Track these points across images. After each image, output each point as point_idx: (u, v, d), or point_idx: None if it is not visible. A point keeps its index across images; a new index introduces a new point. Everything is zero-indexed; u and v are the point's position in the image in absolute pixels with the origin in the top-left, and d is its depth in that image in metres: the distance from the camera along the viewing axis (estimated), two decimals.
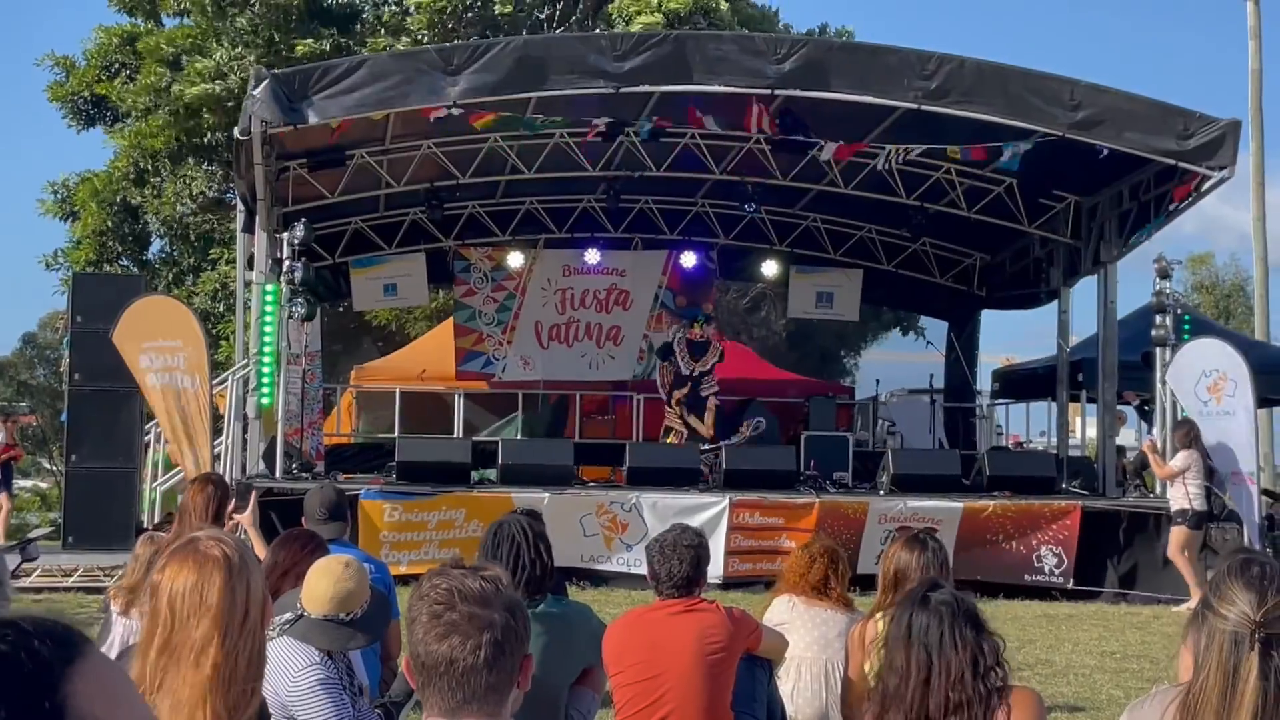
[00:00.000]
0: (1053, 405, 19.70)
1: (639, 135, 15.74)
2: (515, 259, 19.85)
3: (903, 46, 14.34)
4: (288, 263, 14.41)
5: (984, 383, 23.02)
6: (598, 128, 15.43)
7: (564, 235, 20.38)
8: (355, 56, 18.98)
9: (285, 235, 14.60)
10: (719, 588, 13.18)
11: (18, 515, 18.26)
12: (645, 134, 15.57)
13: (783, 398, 20.55)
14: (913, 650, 3.66)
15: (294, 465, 14.92)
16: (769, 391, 20.73)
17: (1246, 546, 12.44)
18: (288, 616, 4.41)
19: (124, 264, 25.83)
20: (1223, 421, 14.48)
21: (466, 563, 2.68)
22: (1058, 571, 14.53)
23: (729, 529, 14.19)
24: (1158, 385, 15.67)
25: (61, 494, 16.32)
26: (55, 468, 34.92)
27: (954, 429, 21.19)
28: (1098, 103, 14.19)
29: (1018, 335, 72.98)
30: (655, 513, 14.16)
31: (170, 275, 26.07)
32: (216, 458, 14.17)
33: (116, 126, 26.19)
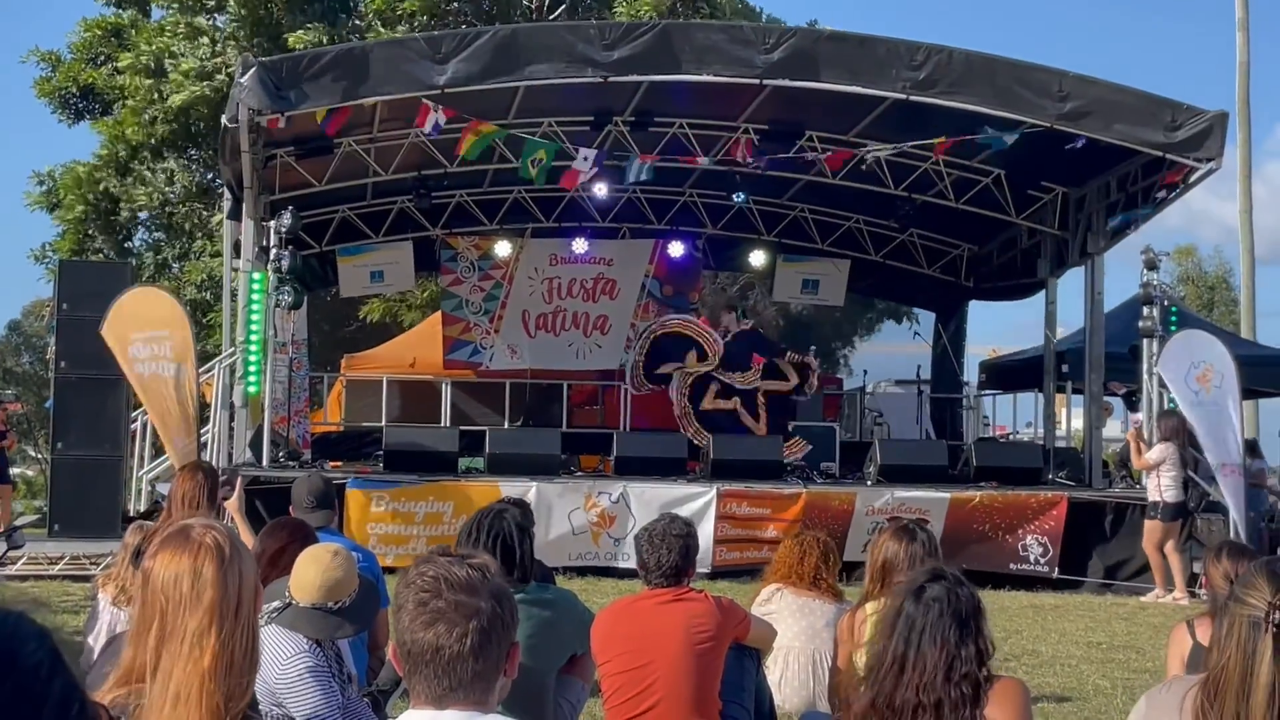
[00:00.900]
0: (1039, 396, 19.68)
1: (635, 178, 15.88)
2: (502, 248, 19.87)
3: (891, 37, 14.31)
4: (275, 251, 14.35)
5: (971, 374, 23.06)
6: (588, 166, 15.42)
7: (551, 224, 20.39)
8: (343, 45, 18.92)
9: (272, 223, 14.55)
10: (706, 577, 13.16)
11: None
12: (635, 176, 15.75)
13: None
14: (894, 638, 3.63)
15: (281, 454, 14.89)
16: None
17: (1232, 539, 12.47)
18: (276, 604, 4.40)
19: (105, 253, 25.72)
20: (1212, 412, 14.50)
21: (453, 551, 2.68)
22: (1043, 561, 14.55)
23: (717, 518, 14.18)
24: (1144, 376, 15.65)
25: (47, 482, 16.25)
26: (41, 455, 34.87)
27: (941, 420, 21.18)
28: (1086, 94, 14.19)
29: (1005, 327, 73.11)
30: (643, 503, 14.18)
31: (154, 265, 25.97)
32: (203, 446, 14.13)
33: (104, 119, 26.09)
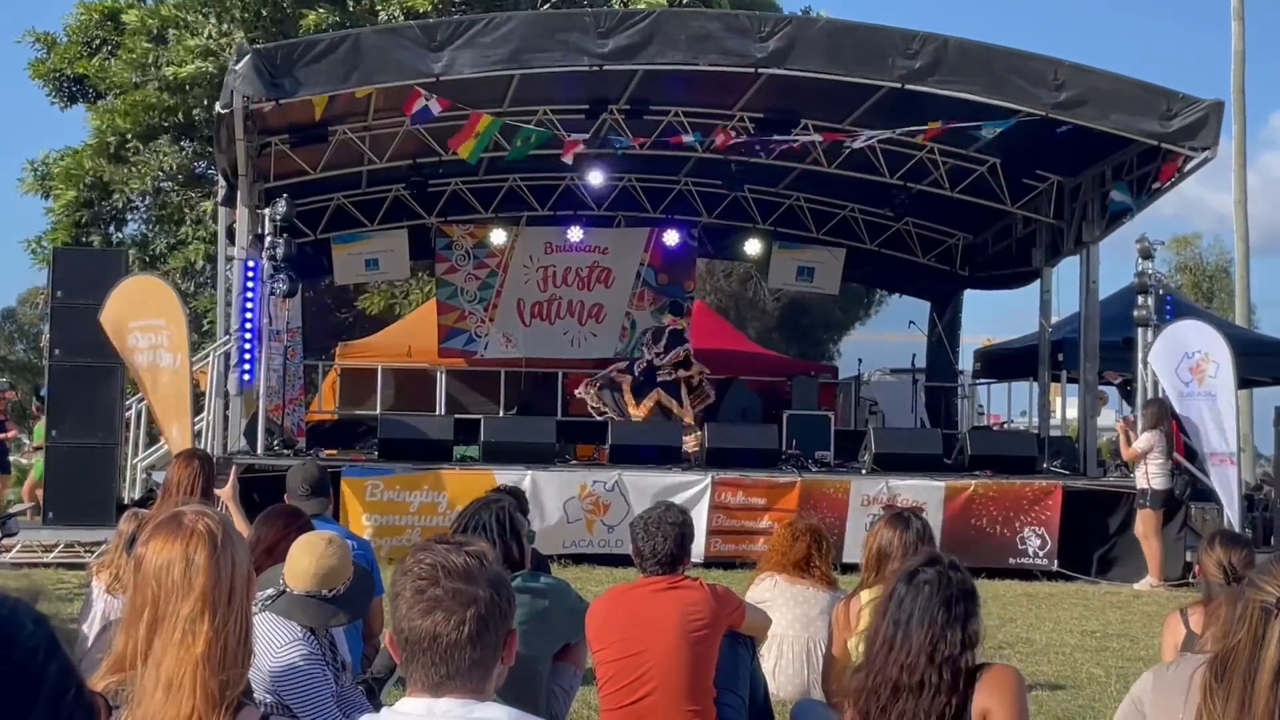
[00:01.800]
0: (1034, 385, 19.67)
1: (616, 150, 16.07)
2: (498, 236, 19.86)
3: (887, 25, 14.29)
4: (269, 238, 14.33)
5: (966, 362, 23.10)
6: (576, 148, 15.61)
7: (546, 213, 20.36)
8: (339, 32, 18.86)
9: (267, 211, 14.52)
10: (701, 567, 13.06)
11: None
12: (620, 149, 16.00)
13: (766, 376, 20.56)
14: (885, 619, 3.70)
15: (275, 441, 14.88)
16: (752, 369, 20.69)
17: (1225, 528, 12.49)
18: (270, 592, 4.40)
19: (94, 240, 25.64)
20: (1204, 403, 14.47)
21: (451, 539, 2.68)
22: (1042, 553, 14.53)
23: (711, 508, 14.20)
24: (1139, 366, 15.62)
25: (41, 469, 16.24)
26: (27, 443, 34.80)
27: (935, 409, 21.23)
28: (1081, 83, 14.16)
29: (1000, 315, 73.11)
30: (637, 491, 14.18)
31: (147, 253, 25.90)
32: (198, 434, 14.11)
33: (99, 104, 25.99)
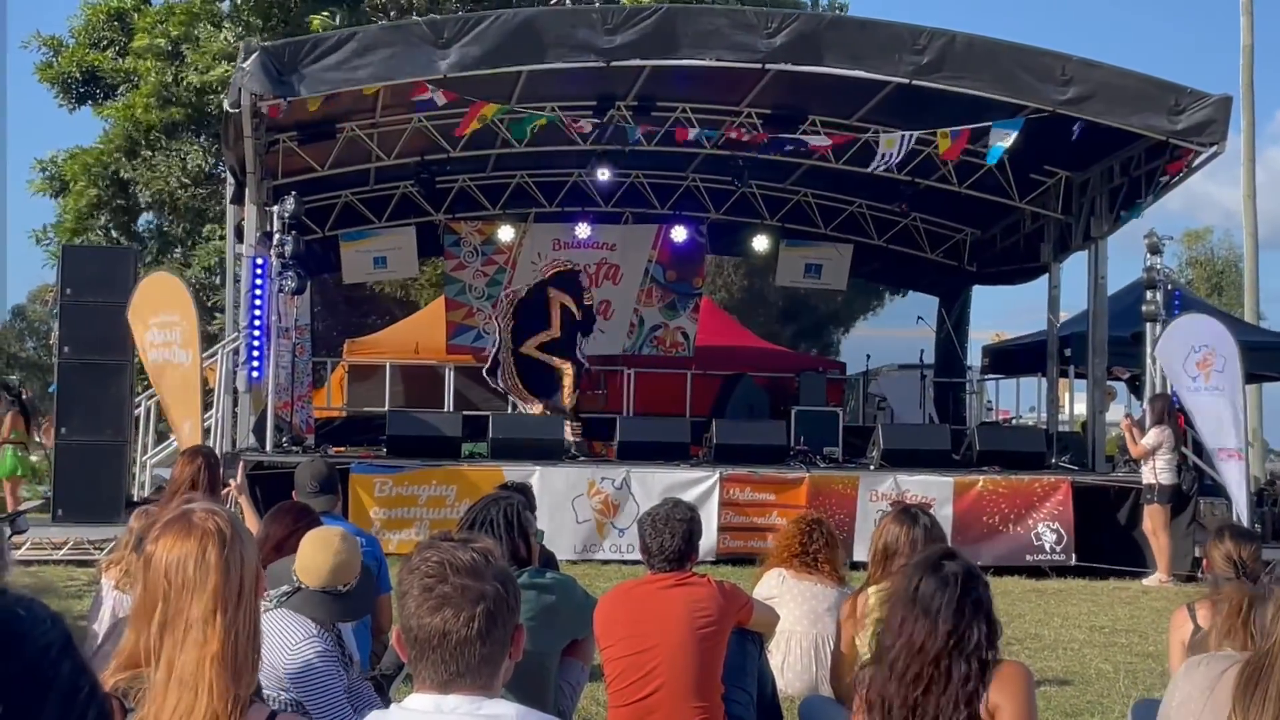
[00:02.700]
0: (1042, 381, 19.66)
1: (629, 139, 16.07)
2: (505, 233, 19.86)
3: (894, 21, 14.26)
4: (278, 236, 14.32)
5: (974, 358, 23.08)
6: (583, 128, 15.69)
7: (554, 209, 20.34)
8: (345, 30, 18.89)
9: (275, 208, 14.51)
10: (710, 564, 13.03)
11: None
12: (633, 139, 15.97)
13: (773, 372, 20.54)
14: (910, 610, 3.72)
15: (284, 438, 14.87)
16: (760, 365, 20.69)
17: (1234, 522, 12.48)
18: (284, 589, 4.41)
19: (113, 235, 25.74)
20: (1211, 398, 14.45)
21: (456, 535, 2.69)
22: (1059, 549, 14.50)
23: (720, 504, 14.21)
24: (1147, 361, 15.65)
25: (51, 467, 16.27)
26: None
27: (944, 404, 21.19)
28: (1089, 78, 14.11)
29: (1008, 311, 73.16)
30: (645, 488, 14.15)
31: (156, 248, 26.00)
32: (207, 431, 14.16)
33: (108, 103, 26.04)
